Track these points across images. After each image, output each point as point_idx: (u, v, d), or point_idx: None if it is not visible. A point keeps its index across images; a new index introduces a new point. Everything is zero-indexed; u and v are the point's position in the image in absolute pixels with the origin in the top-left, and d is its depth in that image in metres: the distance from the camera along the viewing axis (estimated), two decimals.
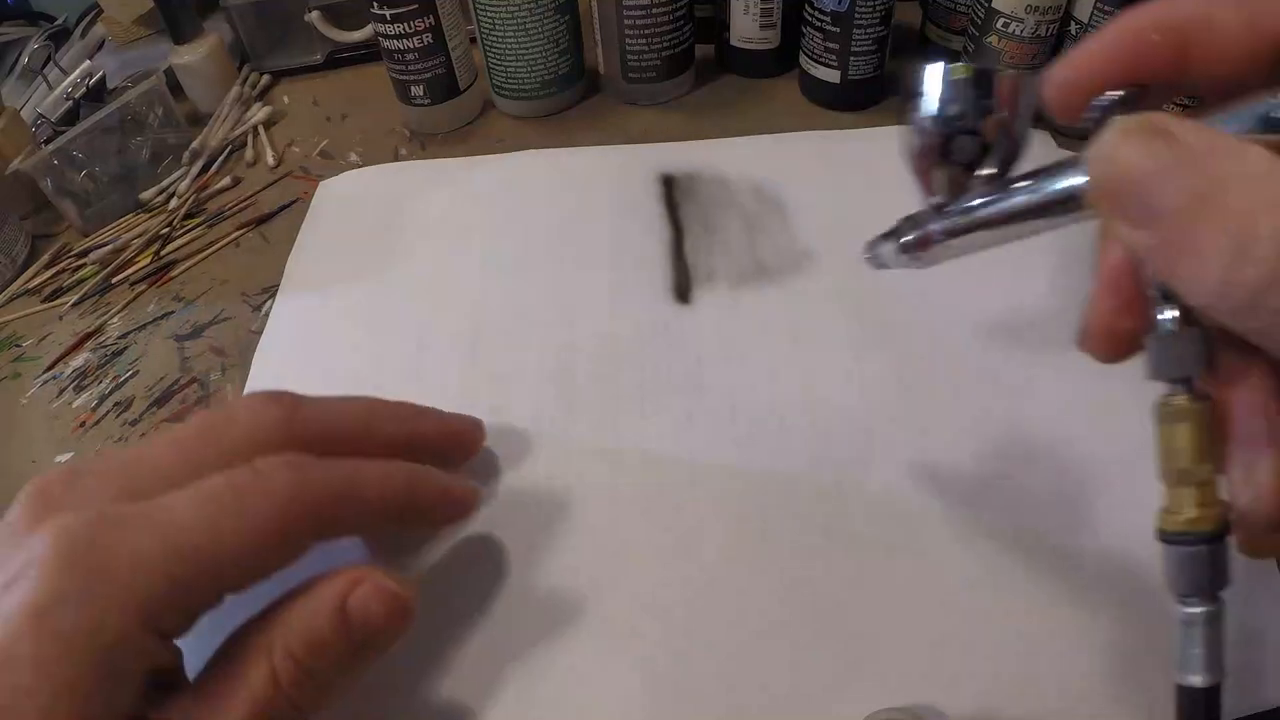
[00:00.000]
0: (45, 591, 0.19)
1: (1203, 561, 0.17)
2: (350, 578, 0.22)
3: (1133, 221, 0.15)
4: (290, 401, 0.25)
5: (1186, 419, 0.17)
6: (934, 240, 0.23)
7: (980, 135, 0.22)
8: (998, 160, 0.22)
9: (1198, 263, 0.14)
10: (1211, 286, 0.14)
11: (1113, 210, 0.16)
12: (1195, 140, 0.15)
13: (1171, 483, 0.18)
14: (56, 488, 0.22)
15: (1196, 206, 0.14)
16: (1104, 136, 0.16)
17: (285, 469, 0.23)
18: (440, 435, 0.30)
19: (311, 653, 0.21)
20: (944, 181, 0.22)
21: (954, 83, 0.22)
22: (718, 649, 0.27)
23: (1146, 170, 0.15)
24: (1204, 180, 0.14)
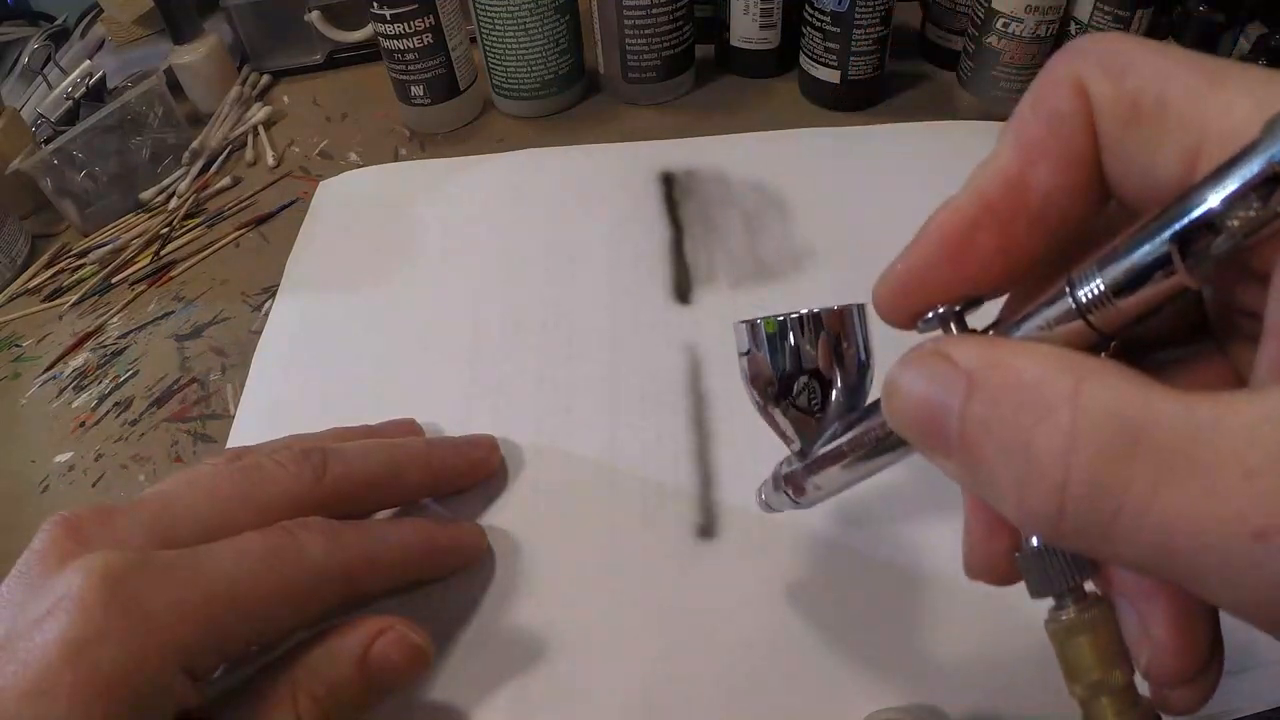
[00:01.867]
0: (85, 628, 0.19)
1: None
2: (374, 627, 0.24)
3: (934, 453, 0.14)
4: (319, 460, 0.26)
5: (1081, 631, 0.16)
6: (803, 485, 0.22)
7: (817, 373, 0.21)
8: (844, 391, 0.21)
9: (995, 489, 0.13)
10: (1012, 512, 0.13)
11: (915, 442, 0.15)
12: (971, 359, 0.14)
13: (1083, 698, 0.16)
14: (89, 524, 0.23)
15: (977, 431, 0.13)
16: (892, 367, 0.15)
17: (319, 534, 0.24)
18: (460, 468, 0.31)
19: (333, 696, 0.23)
20: (797, 426, 0.22)
21: (770, 336, 0.21)
22: (717, 650, 0.27)
23: (929, 401, 0.14)
24: (980, 401, 0.13)
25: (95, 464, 0.37)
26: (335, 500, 0.26)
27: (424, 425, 0.33)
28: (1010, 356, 0.13)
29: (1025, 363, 0.13)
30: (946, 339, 0.15)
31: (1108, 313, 0.14)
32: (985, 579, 0.18)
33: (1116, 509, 0.12)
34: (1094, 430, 0.12)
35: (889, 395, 0.15)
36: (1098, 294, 0.14)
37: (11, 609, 0.21)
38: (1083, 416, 0.12)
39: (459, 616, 0.28)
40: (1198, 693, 0.16)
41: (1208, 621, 0.16)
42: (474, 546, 0.29)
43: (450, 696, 0.27)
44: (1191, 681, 0.16)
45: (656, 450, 0.32)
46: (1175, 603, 0.15)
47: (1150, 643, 0.15)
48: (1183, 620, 0.15)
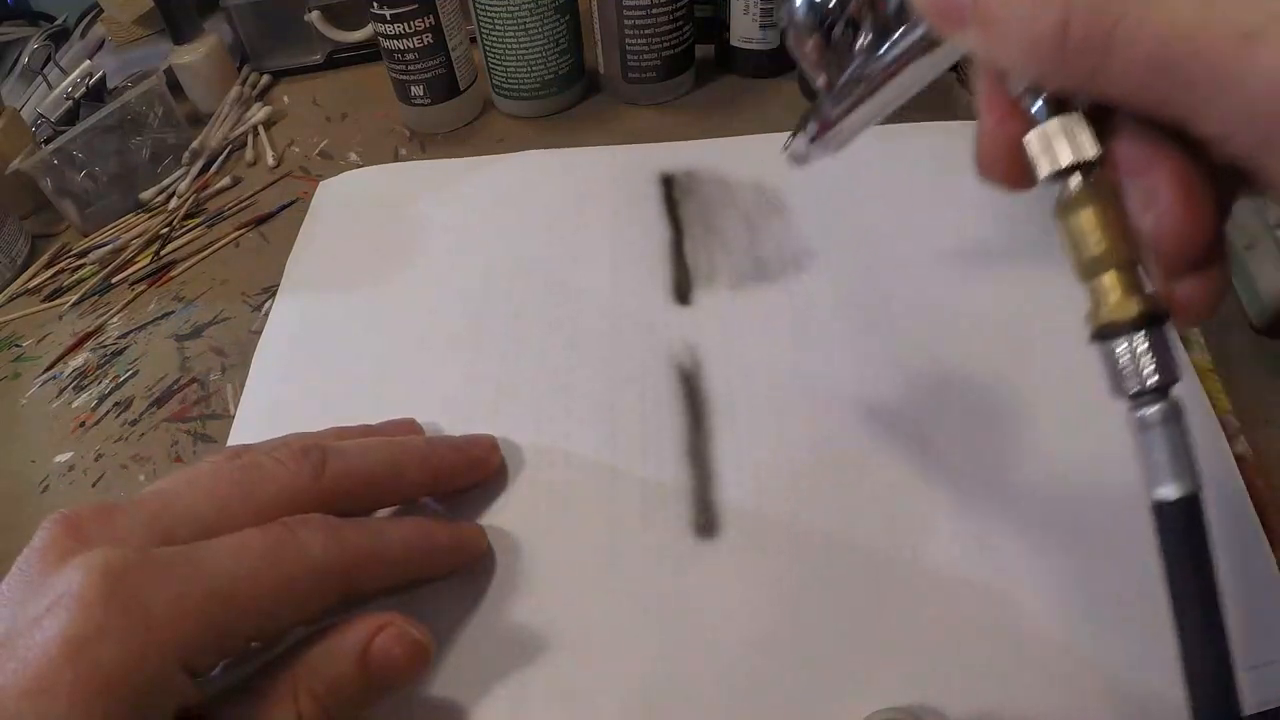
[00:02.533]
0: (85, 625, 0.19)
1: (1142, 351, 0.15)
2: (375, 624, 0.24)
3: (954, 26, 0.16)
4: (319, 458, 0.26)
5: (1085, 204, 0.16)
6: (831, 119, 0.24)
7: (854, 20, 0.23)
8: (871, 33, 0.23)
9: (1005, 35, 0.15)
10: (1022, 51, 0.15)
11: (939, 24, 0.17)
12: None
13: (1087, 277, 0.16)
14: (89, 522, 0.23)
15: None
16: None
17: (319, 531, 0.24)
18: (459, 466, 0.31)
19: (333, 694, 0.23)
20: (829, 65, 0.24)
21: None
22: (716, 651, 0.27)
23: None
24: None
25: (95, 464, 0.37)
26: (335, 498, 0.26)
27: (424, 425, 0.33)
28: None
29: None
30: None
31: None
32: (995, 173, 0.19)
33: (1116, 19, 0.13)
34: None
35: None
36: None
37: (11, 607, 0.21)
38: None
39: (459, 615, 0.28)
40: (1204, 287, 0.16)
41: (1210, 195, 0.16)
42: (474, 546, 0.29)
43: (450, 695, 0.27)
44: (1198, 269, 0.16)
45: (656, 450, 0.32)
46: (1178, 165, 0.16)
47: (1157, 206, 0.16)
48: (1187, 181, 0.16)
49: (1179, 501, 0.15)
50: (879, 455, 0.31)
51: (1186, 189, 0.16)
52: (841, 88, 0.23)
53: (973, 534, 0.29)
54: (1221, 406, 0.32)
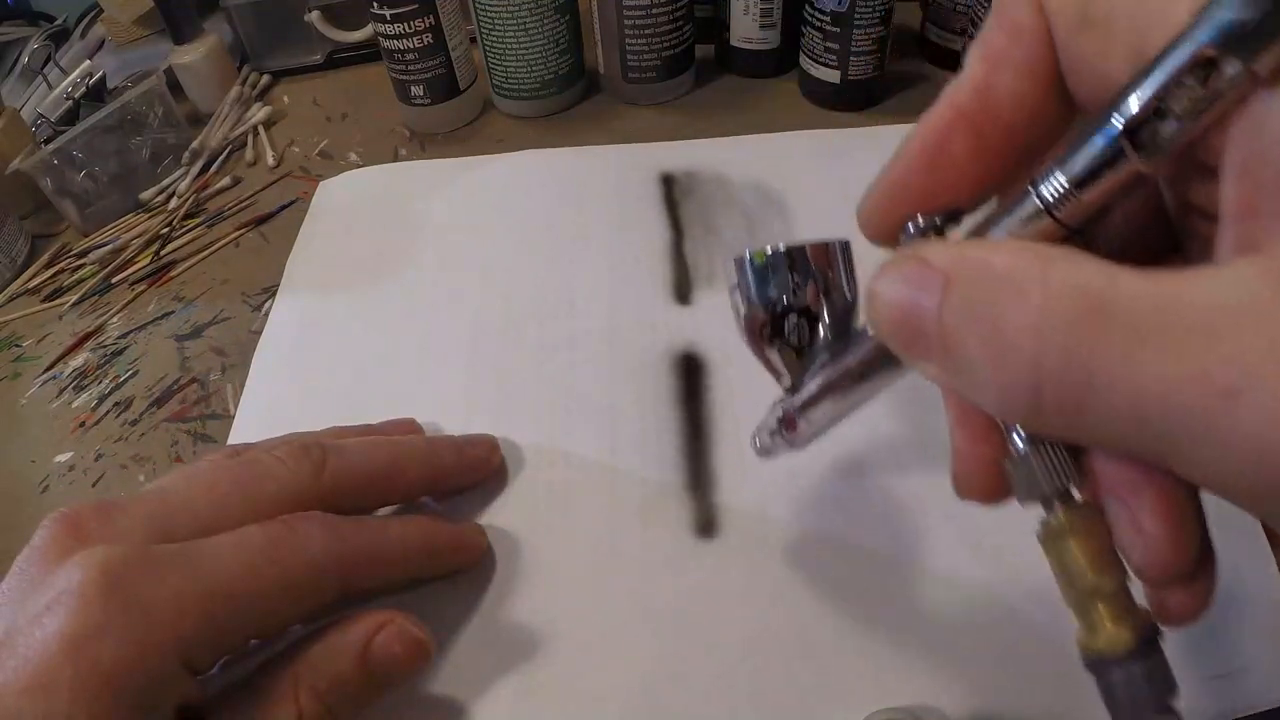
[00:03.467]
0: (85, 622, 0.19)
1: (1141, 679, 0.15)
2: (375, 621, 0.24)
3: (915, 355, 0.15)
4: (319, 456, 0.26)
5: (1071, 534, 0.16)
6: (795, 420, 0.23)
7: (805, 308, 0.22)
8: (832, 325, 0.22)
9: (975, 382, 0.14)
10: (993, 403, 0.14)
11: (897, 349, 0.15)
12: (944, 258, 0.14)
13: (1077, 605, 0.16)
14: (89, 520, 0.23)
15: (956, 323, 0.14)
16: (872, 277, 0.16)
17: (319, 528, 0.24)
18: (459, 466, 0.31)
19: (334, 690, 0.23)
20: (786, 361, 0.22)
21: (759, 269, 0.22)
22: (716, 650, 0.27)
23: (908, 302, 0.15)
24: (957, 295, 0.14)
25: (95, 464, 0.37)
26: (334, 496, 0.26)
27: (424, 425, 0.33)
28: (983, 252, 0.14)
29: (997, 255, 0.14)
30: (921, 244, 0.16)
31: (1071, 206, 0.14)
32: (974, 494, 0.18)
33: (1089, 378, 0.12)
34: (1063, 304, 0.13)
35: (870, 302, 0.16)
36: (1060, 189, 0.14)
37: (12, 605, 0.21)
38: (1052, 294, 0.13)
39: (459, 615, 0.28)
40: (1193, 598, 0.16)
41: (1196, 513, 0.16)
42: (474, 545, 0.29)
43: (450, 693, 0.27)
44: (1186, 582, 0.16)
45: (656, 450, 0.32)
46: (1162, 493, 0.15)
47: (1142, 537, 0.15)
48: (1171, 509, 0.15)
49: None
50: (878, 455, 0.31)
51: (1173, 517, 0.15)
52: (804, 388, 0.22)
53: (972, 533, 0.29)
54: None
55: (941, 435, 0.32)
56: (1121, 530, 0.16)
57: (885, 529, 0.29)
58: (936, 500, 0.30)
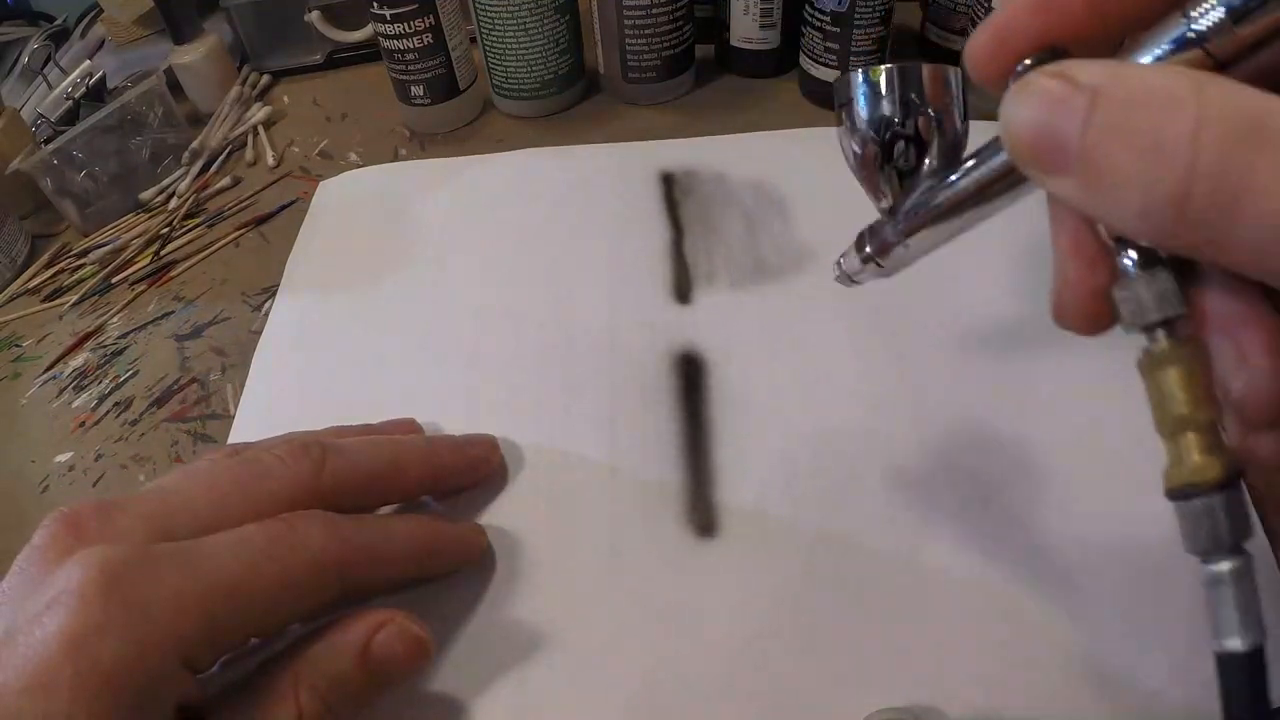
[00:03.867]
0: (85, 621, 0.19)
1: (1218, 512, 0.16)
2: (375, 620, 0.24)
3: (1052, 171, 0.15)
4: (319, 454, 0.26)
5: (1172, 362, 0.16)
6: (891, 244, 0.23)
7: (917, 133, 0.21)
8: (939, 153, 0.21)
9: (1117, 193, 0.14)
10: (1135, 213, 0.14)
11: (1031, 166, 0.16)
12: (1094, 75, 0.14)
13: (1169, 434, 0.16)
14: (89, 519, 0.23)
15: (1103, 137, 0.14)
16: (1007, 96, 0.16)
17: (319, 526, 0.24)
18: (459, 466, 0.31)
19: (334, 689, 0.23)
20: (891, 185, 0.22)
21: (874, 85, 0.21)
22: (716, 650, 0.27)
23: (1049, 116, 0.15)
24: (1106, 110, 0.14)
25: (95, 464, 0.37)
26: (334, 494, 0.26)
27: (424, 425, 0.33)
28: (1134, 69, 0.14)
29: (1150, 72, 0.14)
30: (1066, 61, 0.15)
31: (1225, 40, 0.14)
32: (1075, 320, 0.18)
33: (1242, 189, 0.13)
34: (1219, 118, 0.13)
35: (1006, 119, 0.16)
36: (1217, 20, 0.14)
37: (12, 604, 0.21)
38: (1208, 107, 0.13)
39: (459, 615, 0.28)
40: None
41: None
42: (475, 545, 0.29)
43: (451, 693, 0.27)
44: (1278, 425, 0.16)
45: (656, 449, 0.32)
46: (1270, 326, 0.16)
47: (1246, 370, 0.16)
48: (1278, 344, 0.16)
49: (1244, 654, 0.16)
50: (878, 455, 0.31)
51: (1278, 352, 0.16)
52: (906, 212, 0.22)
53: (972, 533, 0.29)
54: None
55: (943, 433, 0.32)
56: (1226, 363, 0.16)
57: (885, 529, 0.29)
58: (936, 500, 0.30)
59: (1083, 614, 0.27)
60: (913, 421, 0.32)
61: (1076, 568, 0.28)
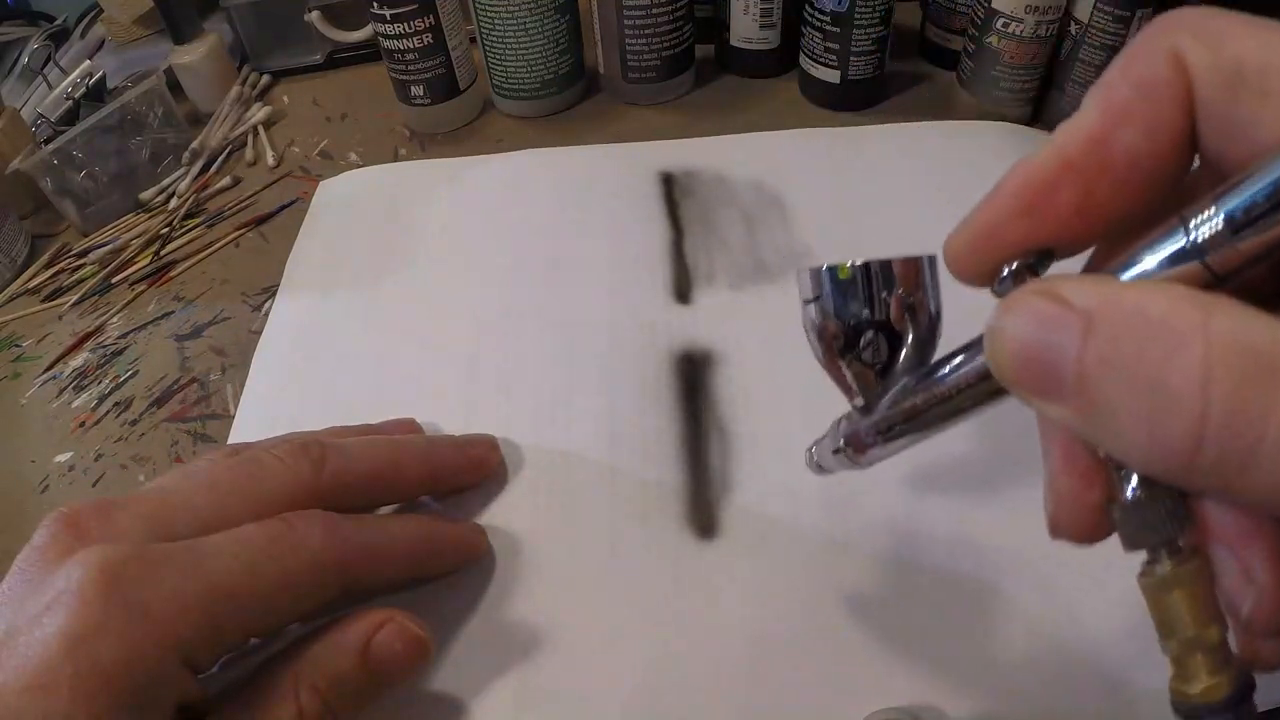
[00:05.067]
0: (84, 621, 0.19)
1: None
2: (375, 619, 0.24)
3: (1043, 398, 0.14)
4: (318, 454, 0.26)
5: (1177, 585, 0.15)
6: (866, 442, 0.22)
7: (887, 326, 0.20)
8: (914, 345, 0.20)
9: (1119, 430, 0.13)
10: (1140, 452, 0.13)
11: (1019, 390, 0.15)
12: (1088, 298, 0.13)
13: (1174, 654, 0.16)
14: (89, 519, 0.23)
15: (1100, 369, 0.13)
16: (994, 314, 0.15)
17: (318, 526, 0.24)
18: (459, 466, 0.31)
19: (335, 689, 0.23)
20: (862, 381, 0.21)
21: (842, 284, 0.20)
22: (716, 650, 0.27)
23: (1042, 343, 0.14)
24: (1101, 339, 0.13)
25: (95, 464, 0.37)
26: (334, 494, 0.26)
27: (424, 425, 0.33)
28: (1131, 293, 0.13)
29: (1148, 298, 0.13)
30: (1056, 278, 0.15)
31: (1225, 253, 0.14)
32: (1071, 535, 0.17)
33: (1258, 437, 0.12)
34: (1229, 360, 0.12)
35: (993, 340, 0.15)
36: (1216, 231, 0.14)
37: (12, 604, 0.21)
38: (1215, 345, 0.12)
39: (459, 615, 0.28)
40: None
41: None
42: (475, 545, 0.29)
43: (451, 693, 0.27)
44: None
45: (656, 450, 0.32)
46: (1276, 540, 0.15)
47: (1254, 587, 0.15)
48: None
49: None
50: None
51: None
52: (882, 410, 0.21)
53: (973, 533, 0.29)
54: None
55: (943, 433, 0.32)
56: (1230, 579, 0.15)
57: (885, 529, 0.29)
58: (936, 500, 0.30)
59: (1083, 614, 0.27)
60: None
61: (1077, 568, 0.28)
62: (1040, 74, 0.46)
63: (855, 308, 0.20)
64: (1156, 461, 0.13)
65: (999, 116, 0.46)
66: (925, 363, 0.20)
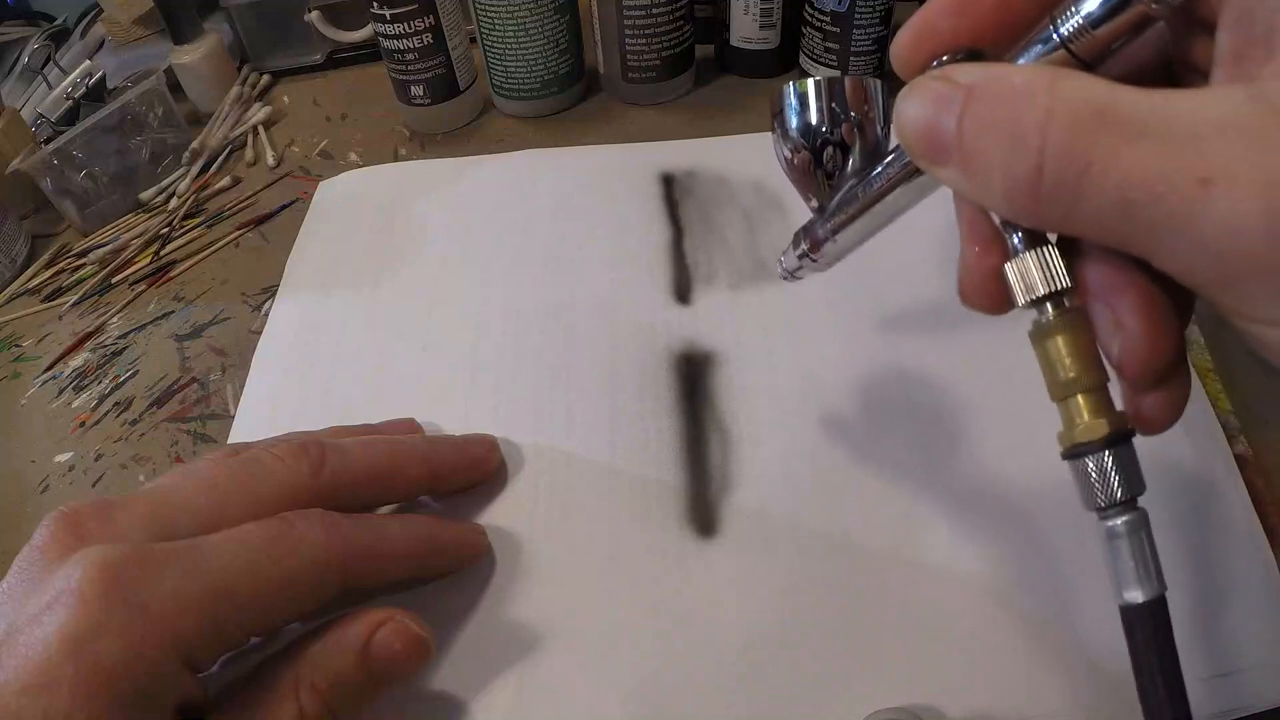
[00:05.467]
0: (84, 621, 0.19)
1: (1109, 469, 0.17)
2: (375, 619, 0.24)
3: (937, 162, 0.17)
4: (318, 453, 0.26)
5: (1058, 331, 0.17)
6: (821, 240, 0.25)
7: (841, 139, 0.24)
8: (860, 156, 0.24)
9: (986, 178, 0.16)
10: (1000, 195, 0.16)
11: (921, 158, 0.17)
12: (970, 75, 0.16)
13: (1059, 399, 0.18)
14: (88, 519, 0.23)
15: (974, 129, 0.16)
16: (899, 97, 0.18)
17: (318, 525, 0.24)
18: (459, 466, 0.31)
19: (335, 688, 0.23)
20: (820, 188, 0.25)
21: (801, 95, 0.24)
22: (716, 650, 0.27)
23: (933, 113, 0.16)
24: (977, 105, 0.16)
25: (95, 464, 0.37)
26: (334, 493, 0.26)
27: (424, 425, 0.33)
28: (1003, 70, 0.16)
29: (1015, 72, 0.16)
30: (948, 66, 0.17)
31: (1086, 41, 0.16)
32: (977, 300, 0.20)
33: (1085, 167, 0.14)
34: (1067, 107, 0.15)
35: (898, 116, 0.18)
36: (1077, 24, 0.16)
37: (12, 604, 0.21)
38: (1058, 99, 0.15)
39: (459, 615, 0.28)
40: (1168, 403, 0.18)
41: (1171, 318, 0.17)
42: (475, 545, 0.29)
43: (451, 693, 0.27)
44: (1161, 384, 0.18)
45: (656, 449, 0.32)
46: (1143, 294, 0.17)
47: (1122, 333, 0.17)
48: (1150, 308, 0.17)
49: (1146, 604, 0.17)
50: (878, 455, 0.31)
51: (1151, 316, 0.17)
52: (832, 209, 0.24)
53: (972, 534, 0.29)
54: (1222, 406, 0.32)
55: (942, 433, 0.32)
56: (1104, 328, 0.18)
57: (885, 528, 0.29)
58: (936, 500, 0.30)
59: (1084, 614, 0.27)
60: (913, 420, 0.32)
61: (1078, 568, 0.28)
62: None
63: (812, 117, 0.24)
64: (1011, 201, 0.16)
65: None
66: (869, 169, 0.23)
